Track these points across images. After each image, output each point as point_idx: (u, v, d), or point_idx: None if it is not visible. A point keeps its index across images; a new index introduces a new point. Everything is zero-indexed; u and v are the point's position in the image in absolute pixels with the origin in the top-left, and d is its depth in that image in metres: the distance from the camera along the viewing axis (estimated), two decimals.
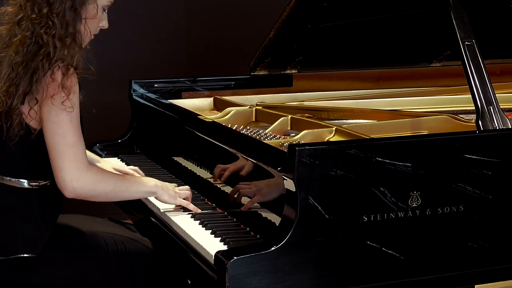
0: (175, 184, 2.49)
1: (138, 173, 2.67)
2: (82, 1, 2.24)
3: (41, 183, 2.30)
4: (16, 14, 2.25)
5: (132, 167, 2.74)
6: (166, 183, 2.42)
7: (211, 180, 2.56)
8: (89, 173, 2.21)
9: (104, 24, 2.37)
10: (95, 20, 2.31)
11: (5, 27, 2.29)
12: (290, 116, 2.79)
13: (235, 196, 2.35)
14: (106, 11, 2.36)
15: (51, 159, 2.21)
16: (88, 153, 2.47)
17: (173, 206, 2.41)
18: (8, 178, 2.29)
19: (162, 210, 2.42)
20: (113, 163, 2.75)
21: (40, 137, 2.23)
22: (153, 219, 2.46)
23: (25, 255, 2.21)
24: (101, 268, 2.34)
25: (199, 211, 2.37)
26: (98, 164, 2.63)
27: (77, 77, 2.22)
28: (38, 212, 2.29)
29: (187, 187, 2.46)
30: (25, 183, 2.29)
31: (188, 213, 2.36)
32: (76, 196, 2.22)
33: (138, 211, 2.60)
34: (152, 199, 2.49)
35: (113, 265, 2.35)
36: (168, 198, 2.37)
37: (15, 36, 2.24)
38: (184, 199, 2.39)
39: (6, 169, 2.30)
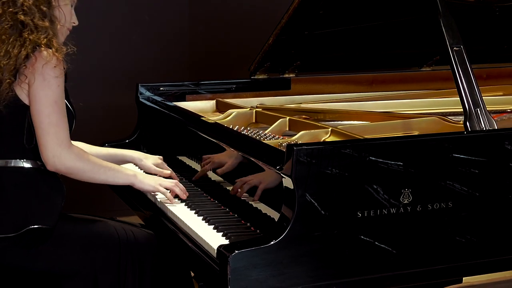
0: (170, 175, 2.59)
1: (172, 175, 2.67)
2: None
3: (39, 163, 2.33)
4: None
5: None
6: (149, 175, 2.51)
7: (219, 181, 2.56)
8: (69, 151, 2.28)
9: (74, 19, 2.45)
10: (67, 8, 2.39)
11: None
12: (288, 117, 2.79)
13: (239, 190, 2.35)
14: (73, 7, 2.44)
15: (36, 136, 2.28)
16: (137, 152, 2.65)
17: (182, 204, 2.42)
18: (11, 160, 2.32)
19: (168, 207, 2.42)
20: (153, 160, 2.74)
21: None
22: (159, 216, 2.46)
23: (35, 226, 2.24)
24: (112, 254, 2.35)
25: (172, 199, 2.43)
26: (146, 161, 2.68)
27: (60, 63, 2.27)
28: (46, 189, 2.32)
29: (174, 181, 2.50)
30: (28, 163, 2.32)
31: (191, 209, 2.37)
32: (56, 170, 2.30)
33: (145, 207, 2.60)
34: (159, 197, 2.50)
35: (122, 253, 2.36)
36: (147, 188, 2.44)
37: None
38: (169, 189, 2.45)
39: (8, 152, 2.32)
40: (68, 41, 2.41)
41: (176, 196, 2.47)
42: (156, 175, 2.57)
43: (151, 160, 2.65)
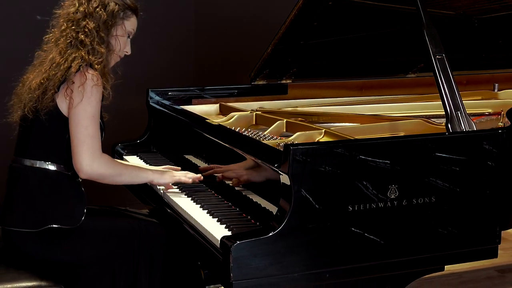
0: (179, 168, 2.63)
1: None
2: (114, 20, 2.38)
3: (63, 167, 2.34)
4: (59, 32, 2.38)
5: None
6: (164, 171, 2.54)
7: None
8: (100, 160, 2.30)
9: (128, 49, 2.50)
10: (123, 39, 2.43)
11: (48, 46, 2.42)
12: (285, 120, 2.79)
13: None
14: (130, 38, 2.48)
15: (72, 145, 2.29)
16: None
17: (188, 199, 2.43)
18: (37, 161, 2.32)
19: (176, 201, 2.42)
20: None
21: (67, 128, 2.30)
22: (167, 209, 2.47)
23: (55, 225, 2.25)
24: (127, 245, 2.35)
25: (190, 181, 2.48)
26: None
27: (102, 85, 2.31)
28: (69, 191, 2.33)
29: (185, 172, 2.54)
30: (53, 166, 2.32)
31: (197, 203, 2.37)
32: (89, 177, 2.31)
33: (154, 201, 2.60)
34: (167, 192, 2.51)
35: (136, 243, 2.36)
36: (164, 182, 2.50)
37: (58, 45, 2.36)
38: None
39: (36, 154, 2.33)
40: (114, 72, 2.45)
41: (183, 192, 2.47)
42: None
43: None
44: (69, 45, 2.33)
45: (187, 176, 2.50)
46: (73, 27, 2.34)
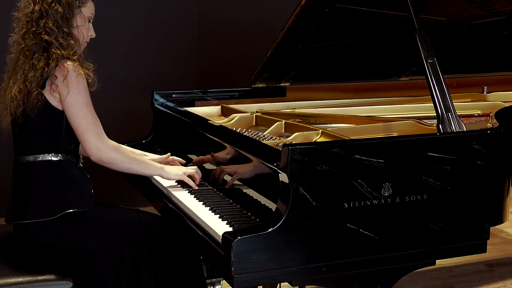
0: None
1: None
2: (71, 11, 2.32)
3: (68, 157, 2.34)
4: (20, 35, 2.33)
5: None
6: (173, 166, 2.54)
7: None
8: (108, 144, 2.33)
9: (92, 33, 2.44)
10: (84, 27, 2.38)
11: (14, 48, 2.37)
12: (284, 121, 2.79)
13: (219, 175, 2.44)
14: (91, 22, 2.43)
15: (78, 136, 2.30)
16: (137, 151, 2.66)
17: (191, 196, 2.42)
18: (39, 155, 2.32)
19: (180, 199, 2.42)
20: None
21: (62, 120, 2.30)
22: (171, 206, 2.46)
23: (71, 210, 2.26)
24: (134, 233, 2.35)
25: (196, 187, 2.47)
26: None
27: (84, 72, 2.29)
28: (77, 176, 2.33)
29: (194, 167, 2.55)
30: (56, 156, 2.32)
31: (200, 201, 2.37)
32: (99, 160, 2.32)
33: (158, 197, 2.60)
34: (172, 190, 2.50)
35: (142, 233, 2.36)
36: (173, 177, 2.49)
37: (22, 48, 2.32)
38: (191, 176, 2.50)
39: (37, 149, 2.32)
40: (90, 55, 2.40)
41: (186, 189, 2.48)
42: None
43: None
44: (34, 46, 2.28)
45: (198, 173, 2.50)
46: (33, 28, 2.29)
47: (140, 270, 2.35)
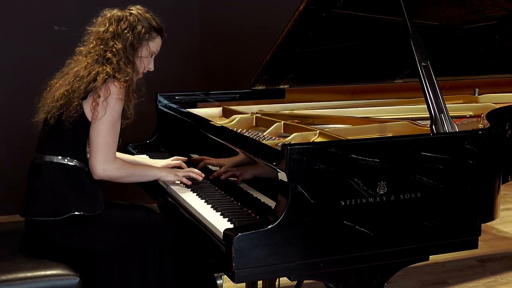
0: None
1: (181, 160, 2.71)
2: (140, 42, 2.38)
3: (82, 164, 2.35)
4: (88, 49, 2.38)
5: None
6: (170, 169, 2.55)
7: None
8: (114, 166, 2.32)
9: (151, 67, 2.49)
10: (147, 59, 2.43)
11: (77, 56, 2.41)
12: (283, 122, 2.79)
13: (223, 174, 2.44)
14: (153, 57, 2.48)
15: (90, 147, 2.31)
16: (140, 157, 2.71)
17: (193, 194, 2.42)
18: (55, 156, 2.33)
19: (182, 196, 2.42)
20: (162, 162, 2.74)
21: (87, 132, 2.31)
22: (175, 203, 2.46)
23: (77, 212, 2.26)
24: (140, 235, 2.35)
25: (189, 183, 2.49)
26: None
27: (125, 103, 2.32)
28: (88, 182, 2.33)
29: (188, 168, 2.56)
30: (71, 162, 2.32)
31: (201, 198, 2.37)
32: (101, 179, 2.33)
33: (162, 196, 2.60)
34: (175, 188, 2.50)
35: (148, 234, 2.36)
36: (170, 179, 2.50)
37: (87, 56, 2.35)
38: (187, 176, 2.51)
39: (55, 150, 2.33)
40: (138, 89, 2.45)
41: (189, 188, 2.47)
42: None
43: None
44: (95, 62, 2.32)
45: (192, 172, 2.51)
46: (101, 46, 2.33)
47: (147, 273, 2.35)
